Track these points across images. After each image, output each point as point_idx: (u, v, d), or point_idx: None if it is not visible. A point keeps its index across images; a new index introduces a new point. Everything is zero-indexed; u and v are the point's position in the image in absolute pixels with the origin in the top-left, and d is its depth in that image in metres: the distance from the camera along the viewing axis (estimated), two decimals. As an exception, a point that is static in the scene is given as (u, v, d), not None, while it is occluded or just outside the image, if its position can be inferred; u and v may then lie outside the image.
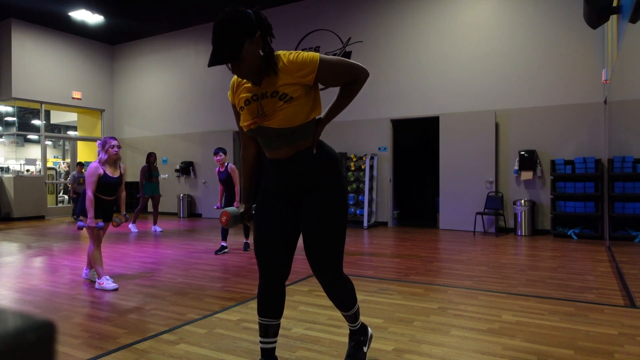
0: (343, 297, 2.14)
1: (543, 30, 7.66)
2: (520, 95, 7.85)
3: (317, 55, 1.84)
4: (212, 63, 1.73)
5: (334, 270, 2.04)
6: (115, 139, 4.18)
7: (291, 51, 1.87)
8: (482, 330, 2.88)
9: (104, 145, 4.10)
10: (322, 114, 2.02)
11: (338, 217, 2.02)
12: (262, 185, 2.14)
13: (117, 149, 4.13)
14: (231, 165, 5.97)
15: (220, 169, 6.04)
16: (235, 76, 1.95)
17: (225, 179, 6.00)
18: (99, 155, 4.12)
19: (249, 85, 1.92)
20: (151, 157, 8.36)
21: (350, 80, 1.93)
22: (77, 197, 10.00)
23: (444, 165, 8.35)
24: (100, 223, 4.06)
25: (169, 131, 12.10)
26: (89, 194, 4.02)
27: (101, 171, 4.05)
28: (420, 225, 9.12)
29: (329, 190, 2.01)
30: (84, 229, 4.18)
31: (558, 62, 7.55)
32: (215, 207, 6.13)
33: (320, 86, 1.99)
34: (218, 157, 5.96)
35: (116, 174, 4.16)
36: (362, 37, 9.30)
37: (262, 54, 1.80)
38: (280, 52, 1.87)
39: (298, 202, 2.06)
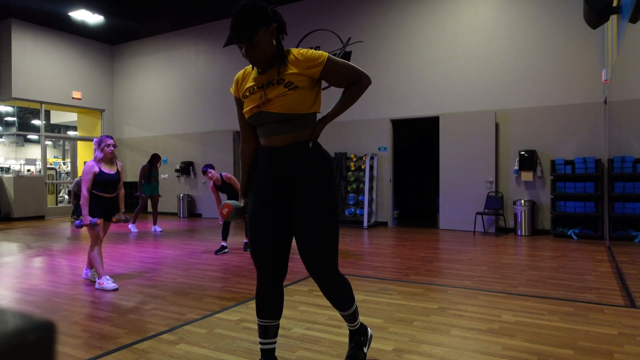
0: (340, 297, 2.14)
1: (543, 30, 7.66)
2: (520, 95, 7.85)
3: (325, 53, 1.96)
4: (228, 42, 1.83)
5: (328, 270, 2.04)
6: (112, 137, 4.20)
7: (302, 48, 1.99)
8: (482, 330, 2.88)
9: (100, 144, 4.12)
10: (324, 114, 2.07)
11: (329, 217, 2.00)
12: (254, 183, 2.13)
13: (112, 148, 4.15)
14: (226, 174, 5.98)
15: (217, 183, 6.02)
16: (241, 72, 2.08)
17: (228, 188, 6.01)
18: (95, 153, 4.14)
19: (255, 75, 2.01)
20: (155, 160, 8.36)
21: (352, 82, 2.02)
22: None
23: (444, 165, 8.34)
24: (95, 219, 4.05)
25: (169, 131, 12.10)
26: (84, 192, 4.03)
27: (97, 169, 4.07)
28: (420, 225, 9.12)
29: (318, 190, 2.00)
30: (85, 227, 4.18)
31: (558, 62, 7.55)
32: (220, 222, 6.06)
33: (324, 85, 2.05)
34: (210, 174, 5.94)
35: (113, 170, 4.18)
36: (362, 37, 9.30)
37: (275, 43, 1.94)
38: (292, 49, 2.00)
39: (289, 201, 2.05)
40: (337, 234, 2.05)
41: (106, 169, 4.13)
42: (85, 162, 10.54)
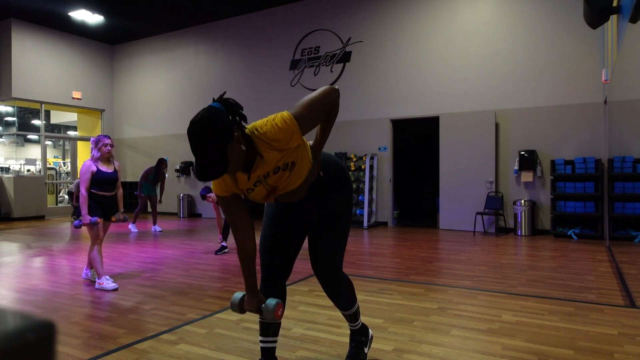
0: (342, 296, 2.17)
1: (543, 31, 7.66)
2: (520, 95, 7.85)
3: (287, 115, 1.70)
4: (202, 179, 1.61)
5: (333, 269, 2.08)
6: (109, 137, 4.21)
7: (263, 123, 1.73)
8: (482, 330, 2.88)
9: (97, 143, 4.14)
10: (312, 142, 2.00)
11: (344, 219, 2.10)
12: None
13: (109, 148, 4.16)
14: None
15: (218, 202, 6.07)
16: None
17: None
18: (92, 152, 4.15)
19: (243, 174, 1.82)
20: (161, 164, 8.34)
21: (329, 110, 1.87)
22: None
23: (444, 165, 8.34)
24: (94, 218, 4.06)
25: (169, 131, 12.10)
26: (83, 191, 4.04)
27: (94, 168, 4.08)
28: (420, 225, 9.12)
29: (337, 195, 2.09)
30: (85, 227, 4.19)
31: (558, 62, 7.55)
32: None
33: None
34: (210, 198, 6.17)
35: (111, 169, 4.19)
36: (362, 37, 9.30)
37: (244, 148, 1.69)
38: (255, 130, 1.72)
39: (309, 206, 2.12)
40: (347, 236, 2.13)
41: (104, 168, 4.14)
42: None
